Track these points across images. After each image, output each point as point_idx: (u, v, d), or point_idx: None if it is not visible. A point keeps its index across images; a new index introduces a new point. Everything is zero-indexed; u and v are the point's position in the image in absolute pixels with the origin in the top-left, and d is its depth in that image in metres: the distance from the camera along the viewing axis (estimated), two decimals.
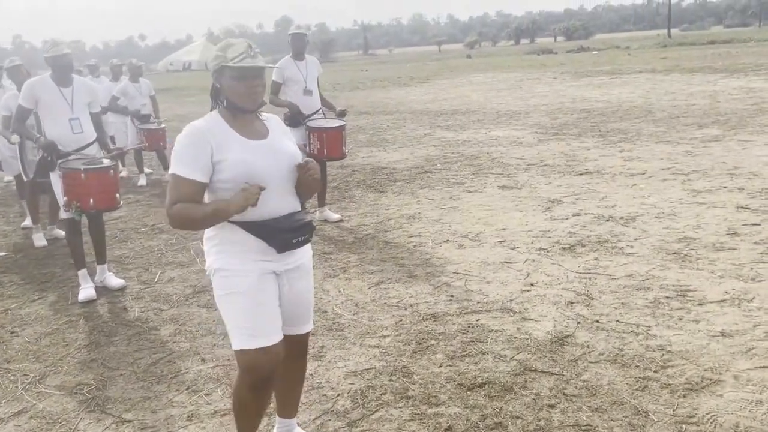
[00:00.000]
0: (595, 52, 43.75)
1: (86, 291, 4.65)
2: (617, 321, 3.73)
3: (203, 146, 2.28)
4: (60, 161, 4.49)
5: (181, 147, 2.30)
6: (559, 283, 4.36)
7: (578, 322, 3.74)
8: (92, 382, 3.45)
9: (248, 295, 2.33)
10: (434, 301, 4.19)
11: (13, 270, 5.55)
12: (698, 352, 3.31)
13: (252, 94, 2.32)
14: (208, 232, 2.41)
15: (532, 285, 4.37)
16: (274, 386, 2.55)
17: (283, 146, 2.40)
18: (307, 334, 2.62)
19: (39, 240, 6.23)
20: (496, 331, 3.71)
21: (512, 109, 14.88)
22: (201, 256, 5.48)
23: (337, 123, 5.94)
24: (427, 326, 3.83)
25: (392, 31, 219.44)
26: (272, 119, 2.49)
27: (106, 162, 4.56)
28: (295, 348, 2.57)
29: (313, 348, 3.63)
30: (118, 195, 4.57)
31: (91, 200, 4.42)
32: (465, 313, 3.97)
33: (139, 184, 8.92)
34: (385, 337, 3.74)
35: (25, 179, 5.99)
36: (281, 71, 5.93)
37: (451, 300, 4.20)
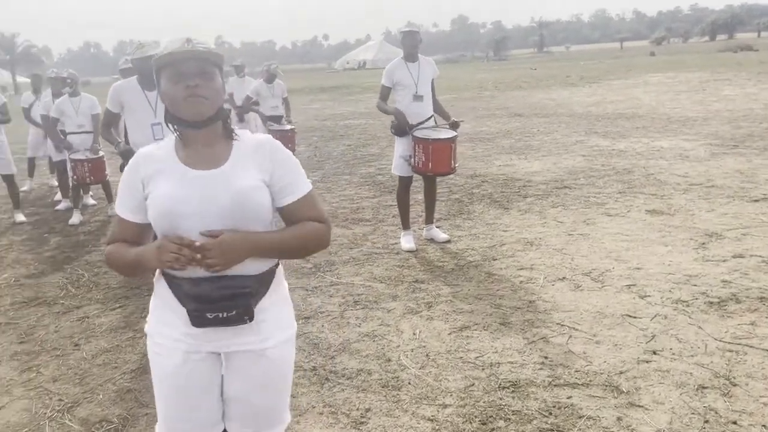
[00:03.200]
0: None
1: None
2: (765, 427, 2.68)
3: (133, 180, 1.78)
4: None
5: (121, 180, 1.82)
6: (693, 355, 3.33)
7: (706, 420, 2.75)
8: (116, 419, 3.13)
9: (168, 382, 1.80)
10: (521, 363, 3.38)
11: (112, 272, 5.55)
12: None
13: (190, 98, 1.69)
14: None
15: (654, 353, 3.38)
16: None
17: (236, 179, 1.72)
18: None
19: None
20: (589, 418, 2.83)
21: (687, 114, 13.06)
22: (290, 271, 5.09)
23: (447, 134, 5.24)
24: (501, 398, 3.05)
25: (571, 27, 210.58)
26: (246, 138, 1.83)
27: None
28: None
29: (357, 410, 3.02)
30: None
31: None
32: (555, 385, 3.13)
33: None
34: (445, 407, 3.02)
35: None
36: (391, 74, 5.35)
37: (542, 363, 3.36)
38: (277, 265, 1.87)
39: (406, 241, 5.49)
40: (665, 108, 14.45)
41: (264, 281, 1.81)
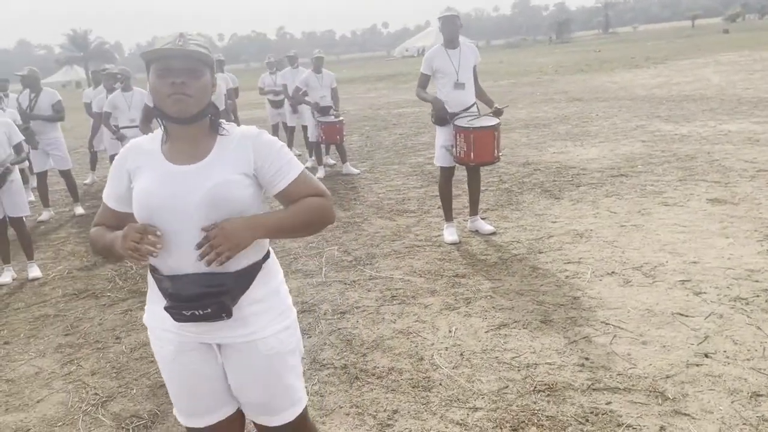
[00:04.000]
0: None
1: None
2: None
3: (120, 170, 1.81)
4: None
5: (111, 167, 1.86)
6: (749, 359, 3.07)
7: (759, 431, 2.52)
8: (146, 415, 3.15)
9: (168, 369, 1.85)
10: (560, 364, 3.20)
11: None
12: None
13: (174, 95, 1.66)
14: None
15: (706, 356, 3.14)
16: None
17: (213, 174, 1.70)
18: (287, 425, 1.92)
19: None
20: (629, 427, 2.65)
21: (760, 95, 12.29)
22: (330, 265, 5.05)
23: (490, 122, 5.04)
24: (535, 402, 2.89)
25: (639, 6, 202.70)
26: (233, 133, 1.80)
27: None
28: None
29: (384, 411, 2.93)
30: None
31: None
32: (594, 389, 2.94)
33: (317, 176, 8.82)
34: (476, 410, 2.88)
35: None
36: (430, 62, 5.19)
37: (582, 365, 3.17)
38: (264, 259, 1.84)
39: (449, 234, 5.35)
40: (736, 89, 13.66)
41: (244, 277, 1.78)
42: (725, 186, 6.15)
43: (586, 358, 3.23)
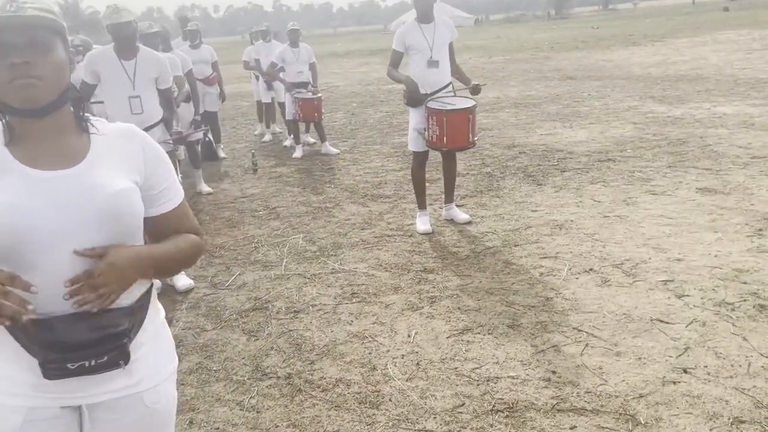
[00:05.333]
0: None
1: None
2: None
3: None
4: None
5: None
6: (732, 376, 2.77)
7: None
8: None
9: None
10: (524, 378, 2.90)
11: None
12: None
13: (17, 80, 1.25)
14: None
15: (685, 371, 2.84)
16: None
17: (101, 181, 1.33)
18: None
19: None
20: None
21: (758, 76, 11.90)
22: (292, 255, 4.72)
23: (464, 104, 4.68)
24: (492, 424, 2.59)
25: None
26: (106, 129, 1.41)
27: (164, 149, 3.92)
28: None
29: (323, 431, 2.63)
30: None
31: None
32: (559, 410, 2.64)
33: (294, 155, 8.45)
34: None
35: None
36: (402, 37, 4.80)
37: (549, 380, 2.86)
38: (150, 289, 1.47)
39: (422, 223, 5.02)
40: (733, 69, 13.26)
41: (140, 312, 1.41)
42: (716, 174, 5.82)
43: (553, 372, 2.92)
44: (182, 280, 4.30)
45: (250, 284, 4.29)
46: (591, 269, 4.02)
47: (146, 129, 4.01)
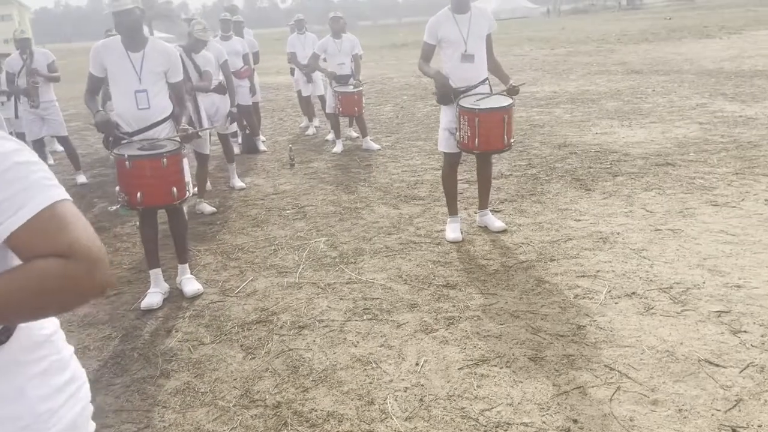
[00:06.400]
0: None
1: (149, 298, 3.91)
2: None
3: None
4: (122, 143, 3.75)
5: None
6: None
7: None
8: None
9: None
10: (539, 427, 2.49)
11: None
12: None
13: None
14: None
15: (734, 430, 2.38)
16: None
17: None
18: None
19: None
20: None
21: None
22: (310, 261, 4.40)
23: (500, 103, 4.25)
24: None
25: None
26: None
27: (168, 147, 3.68)
28: None
29: None
30: (175, 189, 3.67)
31: (139, 195, 3.59)
32: None
33: (334, 150, 8.16)
34: None
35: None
36: (434, 28, 4.41)
37: (567, 431, 2.45)
38: (2, 337, 1.13)
39: (452, 230, 4.63)
40: None
41: None
42: None
43: (575, 421, 2.51)
44: (190, 285, 4.07)
45: (260, 292, 4.01)
46: (633, 293, 3.55)
47: (154, 125, 3.83)
